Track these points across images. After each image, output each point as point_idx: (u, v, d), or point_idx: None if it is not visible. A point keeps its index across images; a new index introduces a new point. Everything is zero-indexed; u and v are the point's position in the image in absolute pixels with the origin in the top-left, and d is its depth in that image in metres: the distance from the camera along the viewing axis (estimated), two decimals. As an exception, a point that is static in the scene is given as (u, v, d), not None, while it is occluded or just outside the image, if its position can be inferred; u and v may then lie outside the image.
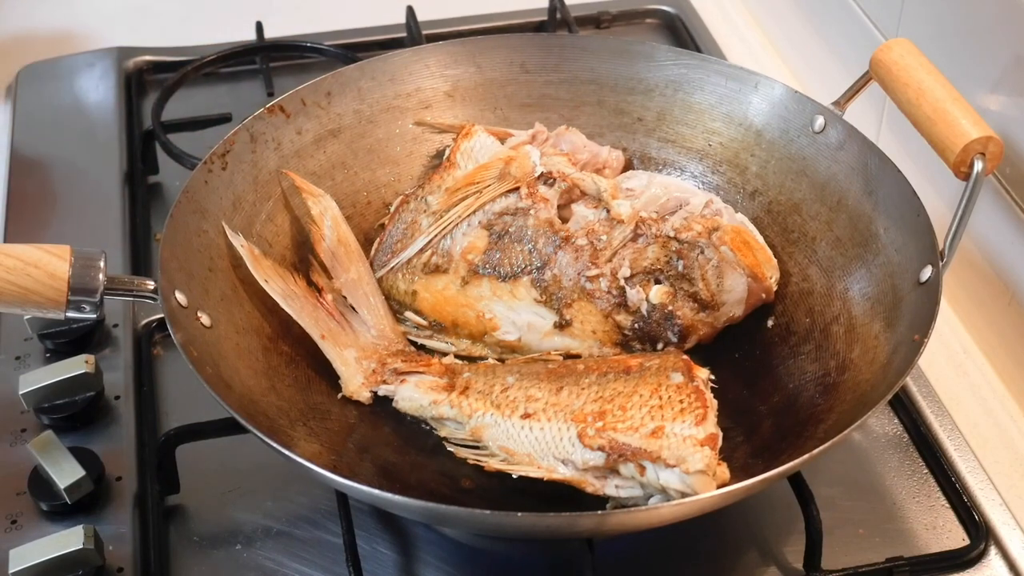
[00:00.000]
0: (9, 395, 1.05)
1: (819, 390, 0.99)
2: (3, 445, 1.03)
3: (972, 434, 1.05)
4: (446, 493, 0.95)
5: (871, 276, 1.02)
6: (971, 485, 1.01)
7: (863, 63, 1.06)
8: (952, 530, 0.99)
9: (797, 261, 1.08)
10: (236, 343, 0.98)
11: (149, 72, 1.46)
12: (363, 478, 0.89)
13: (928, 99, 0.98)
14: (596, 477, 0.90)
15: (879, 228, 1.03)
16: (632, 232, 1.06)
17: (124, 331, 1.12)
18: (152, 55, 1.46)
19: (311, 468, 0.85)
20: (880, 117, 1.22)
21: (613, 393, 0.93)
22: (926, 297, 0.94)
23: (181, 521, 1.00)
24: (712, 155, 1.16)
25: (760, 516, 0.99)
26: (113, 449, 1.02)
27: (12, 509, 0.98)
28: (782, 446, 0.95)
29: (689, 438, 0.88)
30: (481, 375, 0.99)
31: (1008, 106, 1.05)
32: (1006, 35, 1.04)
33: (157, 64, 1.46)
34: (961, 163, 0.96)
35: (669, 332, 1.04)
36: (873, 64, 1.04)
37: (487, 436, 0.94)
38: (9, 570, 0.91)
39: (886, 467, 1.04)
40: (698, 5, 1.54)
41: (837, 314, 1.03)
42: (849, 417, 0.89)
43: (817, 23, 1.40)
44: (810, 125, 1.09)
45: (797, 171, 1.10)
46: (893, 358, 0.94)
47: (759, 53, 1.49)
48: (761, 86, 1.13)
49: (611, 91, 1.18)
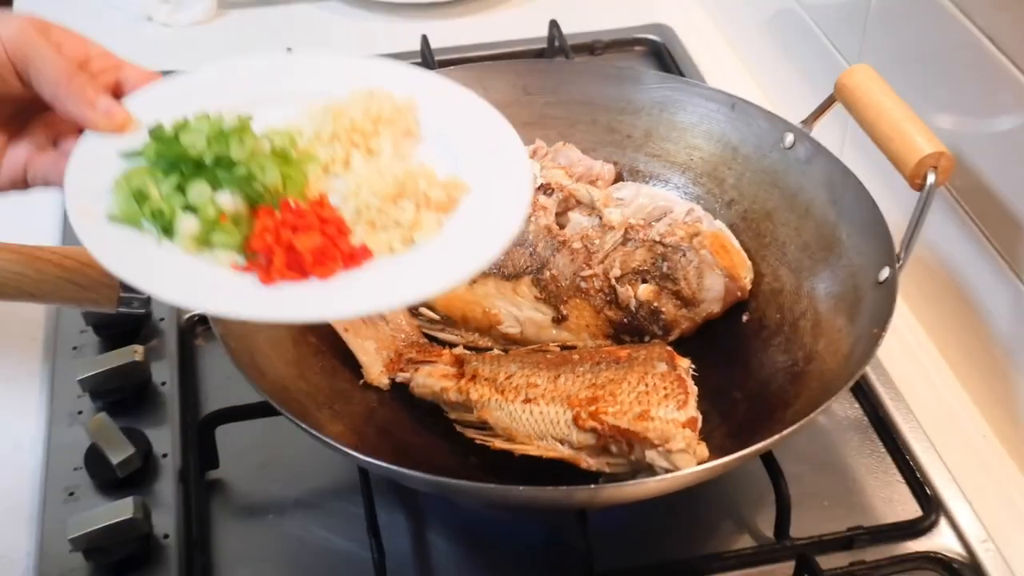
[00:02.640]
0: (67, 381, 1.05)
1: (788, 378, 0.99)
2: (62, 426, 1.03)
3: (925, 417, 1.05)
4: (456, 469, 0.95)
5: (835, 276, 1.02)
6: (923, 463, 1.01)
7: (828, 86, 1.06)
8: (906, 502, 0.99)
9: (769, 263, 1.08)
10: (269, 335, 0.98)
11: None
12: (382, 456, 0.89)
13: (886, 118, 0.98)
14: (589, 455, 0.90)
15: (842, 233, 1.03)
16: (622, 237, 1.06)
17: (170, 324, 1.12)
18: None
19: (336, 447, 0.85)
20: (843, 134, 1.22)
21: (605, 380, 0.93)
22: (884, 295, 0.94)
23: (220, 493, 1.00)
24: (693, 168, 1.16)
25: (735, 490, 0.99)
26: (159, 429, 1.02)
27: (70, 483, 0.98)
28: (755, 428, 0.95)
29: (672, 421, 0.88)
30: (487, 364, 0.99)
31: (958, 124, 1.05)
32: (957, 61, 1.04)
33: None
34: (916, 175, 0.96)
35: (655, 326, 1.04)
36: (837, 87, 1.04)
37: (492, 419, 0.94)
38: (67, 536, 0.91)
39: (848, 446, 1.04)
40: (681, 34, 1.54)
41: (805, 310, 1.03)
42: (815, 402, 0.89)
43: (787, 50, 1.39)
44: (781, 142, 1.09)
45: (769, 183, 1.10)
46: (854, 349, 0.94)
47: (735, 77, 1.49)
48: (737, 107, 1.13)
49: (603, 111, 1.18)
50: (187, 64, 1.46)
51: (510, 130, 0.86)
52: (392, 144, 0.85)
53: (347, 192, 0.81)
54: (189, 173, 0.78)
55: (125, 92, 0.83)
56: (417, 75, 0.91)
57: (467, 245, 0.78)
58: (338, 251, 0.76)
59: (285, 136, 0.82)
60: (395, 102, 0.86)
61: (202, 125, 0.80)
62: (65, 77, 0.78)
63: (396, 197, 0.80)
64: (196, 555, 0.94)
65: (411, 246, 0.78)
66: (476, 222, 0.80)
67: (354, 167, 0.83)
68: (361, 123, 0.84)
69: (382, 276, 0.77)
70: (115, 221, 0.76)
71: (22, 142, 0.82)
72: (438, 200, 0.81)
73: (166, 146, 0.79)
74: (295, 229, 0.76)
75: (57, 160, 0.80)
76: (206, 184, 0.77)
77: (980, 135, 1.03)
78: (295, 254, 0.75)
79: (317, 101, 0.86)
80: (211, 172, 0.78)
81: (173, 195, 0.77)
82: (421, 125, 0.87)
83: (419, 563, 0.95)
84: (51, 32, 0.81)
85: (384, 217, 0.79)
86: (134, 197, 0.77)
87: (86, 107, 0.79)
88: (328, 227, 0.77)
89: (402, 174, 0.81)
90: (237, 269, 0.76)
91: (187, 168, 0.78)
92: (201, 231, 0.76)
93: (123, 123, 0.80)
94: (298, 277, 0.75)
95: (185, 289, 0.74)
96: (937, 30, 1.05)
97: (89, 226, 0.75)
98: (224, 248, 0.76)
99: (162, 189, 0.77)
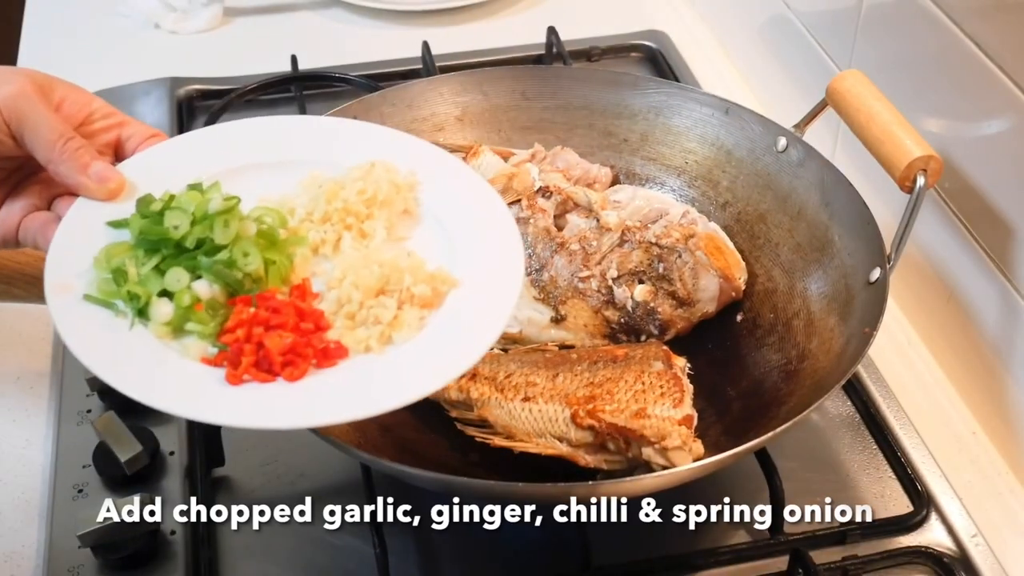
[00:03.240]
0: (76, 380, 1.05)
1: (782, 376, 0.99)
2: (71, 424, 1.03)
3: (916, 415, 1.05)
4: (456, 466, 0.95)
5: (827, 277, 1.02)
6: (914, 459, 1.01)
7: (820, 91, 1.05)
8: (898, 498, 0.99)
9: (763, 264, 1.08)
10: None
11: (198, 99, 1.45)
12: (384, 453, 0.89)
13: (877, 123, 0.98)
14: (587, 452, 0.90)
15: (834, 235, 1.02)
16: (619, 239, 1.05)
17: (176, 325, 1.12)
18: (201, 84, 1.46)
19: (340, 445, 0.85)
20: (835, 138, 1.22)
21: (602, 379, 0.93)
22: (875, 295, 0.94)
23: (226, 490, 1.00)
24: (688, 171, 1.16)
25: (730, 486, 0.99)
26: (167, 427, 1.02)
27: (79, 479, 0.98)
28: (749, 425, 0.94)
29: (668, 418, 0.88)
30: (487, 363, 0.98)
31: (947, 128, 1.05)
32: (946, 67, 1.04)
33: (205, 92, 1.45)
34: (906, 178, 0.95)
35: (651, 326, 1.04)
36: (829, 92, 1.04)
37: (492, 416, 0.94)
38: (76, 532, 0.91)
39: (840, 443, 1.04)
40: (676, 40, 1.53)
41: (798, 310, 1.03)
42: (808, 400, 0.89)
43: (780, 56, 1.39)
44: (774, 145, 1.09)
45: (763, 185, 1.10)
46: (846, 348, 0.93)
47: (729, 82, 1.49)
48: (731, 111, 1.13)
49: (600, 116, 1.18)
50: (194, 70, 1.47)
51: (510, 221, 0.84)
52: (386, 227, 0.83)
53: (332, 280, 0.79)
54: (170, 255, 0.76)
55: (127, 149, 0.82)
56: (426, 151, 0.89)
57: (444, 350, 0.76)
58: (311, 348, 0.74)
59: (276, 215, 0.80)
60: (396, 179, 0.85)
61: (190, 202, 0.78)
62: (60, 141, 0.76)
63: (379, 292, 0.78)
64: (202, 551, 0.94)
65: (388, 345, 0.76)
66: (458, 322, 0.78)
67: (343, 250, 0.81)
68: (355, 205, 0.82)
69: (353, 381, 0.74)
70: (91, 300, 0.75)
71: (18, 201, 0.81)
72: (423, 296, 0.78)
73: (150, 224, 0.77)
74: (267, 327, 0.74)
75: (47, 224, 0.79)
76: (184, 271, 0.76)
77: (968, 138, 1.03)
78: (265, 352, 0.73)
79: (319, 170, 0.84)
80: (191, 257, 0.76)
81: (151, 277, 0.75)
82: (420, 204, 0.85)
83: (420, 557, 0.95)
84: (54, 89, 0.79)
85: (364, 313, 0.77)
86: (112, 276, 0.75)
87: (79, 173, 0.77)
88: (305, 321, 0.75)
89: (388, 268, 0.79)
90: (207, 362, 0.74)
91: (168, 250, 0.76)
92: (175, 317, 0.74)
93: (116, 190, 0.78)
94: (266, 378, 0.73)
95: (146, 387, 0.71)
96: (926, 36, 1.05)
97: (63, 306, 0.74)
98: (196, 337, 0.74)
99: (141, 270, 0.75)
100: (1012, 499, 1.00)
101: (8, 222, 0.80)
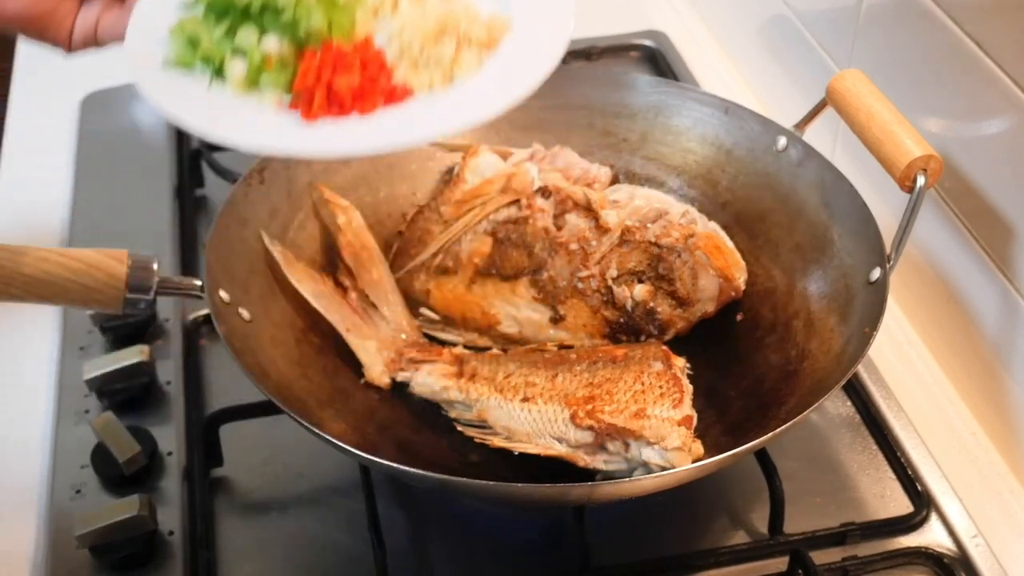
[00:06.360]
0: (75, 381, 1.05)
1: (781, 376, 0.99)
2: (69, 424, 1.03)
3: (915, 415, 1.05)
4: (455, 467, 0.95)
5: (827, 277, 1.01)
6: (914, 459, 1.01)
7: (820, 90, 1.05)
8: (898, 499, 0.99)
9: (762, 264, 1.08)
10: (272, 335, 0.97)
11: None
12: (383, 454, 0.88)
13: (877, 122, 0.98)
14: (586, 453, 0.90)
15: (834, 235, 1.02)
16: (618, 238, 1.05)
17: (175, 325, 1.12)
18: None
19: (338, 445, 0.85)
20: (835, 138, 1.22)
21: (601, 379, 0.93)
22: (875, 295, 0.94)
23: (224, 491, 0.99)
24: (688, 171, 1.15)
25: (730, 486, 0.99)
26: (165, 428, 1.02)
27: (77, 480, 0.98)
28: (749, 425, 0.94)
29: (668, 419, 0.88)
30: (486, 363, 0.98)
31: (947, 128, 1.05)
32: (946, 66, 1.04)
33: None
34: (906, 178, 0.95)
35: (650, 326, 1.04)
36: (828, 91, 1.04)
37: (491, 417, 0.94)
38: (74, 533, 0.91)
39: (840, 443, 1.03)
40: (676, 40, 1.53)
41: (797, 310, 1.03)
42: (808, 400, 0.89)
43: (780, 56, 1.39)
44: (774, 145, 1.09)
45: (762, 185, 1.10)
46: (846, 348, 0.93)
47: (729, 82, 1.49)
48: (731, 111, 1.12)
49: (600, 115, 1.18)
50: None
51: None
52: None
53: (392, 33, 0.83)
54: (237, 20, 0.81)
55: None
56: None
57: (504, 80, 0.80)
58: (378, 89, 0.79)
59: None
60: None
61: None
62: None
63: (438, 36, 0.82)
64: (200, 551, 0.94)
65: (451, 83, 0.81)
66: (515, 59, 0.82)
67: (402, 9, 0.85)
68: None
69: (420, 110, 0.79)
70: (170, 67, 0.81)
71: (93, 2, 0.87)
72: (479, 38, 0.83)
73: None
74: (335, 69, 0.79)
75: (123, 16, 0.85)
76: (253, 30, 0.81)
77: (968, 138, 1.02)
78: (335, 91, 0.78)
79: None
80: (258, 19, 0.81)
81: (223, 41, 0.81)
82: None
83: (419, 558, 0.95)
84: None
85: (426, 56, 0.81)
86: (188, 43, 0.81)
87: None
88: (369, 67, 0.80)
89: (445, 15, 0.83)
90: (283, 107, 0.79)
91: (236, 16, 0.81)
92: (249, 73, 0.80)
93: None
94: (339, 113, 0.78)
95: (228, 127, 0.77)
96: (926, 36, 1.05)
97: (146, 74, 0.80)
98: (271, 88, 0.80)
99: (213, 36, 0.81)
100: (1012, 499, 1.00)
101: (87, 24, 0.87)
